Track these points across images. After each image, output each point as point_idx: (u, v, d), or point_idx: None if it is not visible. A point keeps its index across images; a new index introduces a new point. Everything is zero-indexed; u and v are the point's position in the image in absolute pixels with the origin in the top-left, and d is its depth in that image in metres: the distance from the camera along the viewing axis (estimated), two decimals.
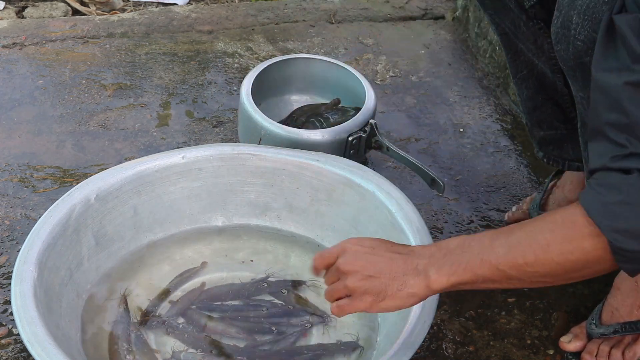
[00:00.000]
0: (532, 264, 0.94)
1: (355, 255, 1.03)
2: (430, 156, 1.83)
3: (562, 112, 1.39)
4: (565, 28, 1.00)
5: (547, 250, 0.93)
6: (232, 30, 2.28)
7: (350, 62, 2.14)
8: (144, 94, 1.98)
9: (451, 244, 1.00)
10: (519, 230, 0.96)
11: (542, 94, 1.39)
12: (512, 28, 1.29)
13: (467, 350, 1.38)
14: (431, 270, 0.99)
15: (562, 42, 1.01)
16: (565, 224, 0.92)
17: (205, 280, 1.42)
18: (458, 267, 0.97)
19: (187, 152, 1.48)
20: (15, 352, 1.33)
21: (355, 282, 1.01)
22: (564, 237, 0.92)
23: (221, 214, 1.52)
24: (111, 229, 1.41)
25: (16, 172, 1.70)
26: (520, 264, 0.94)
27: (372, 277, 1.00)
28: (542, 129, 1.45)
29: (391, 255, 1.02)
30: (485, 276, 0.97)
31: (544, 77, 1.35)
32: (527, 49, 1.32)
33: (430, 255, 1.00)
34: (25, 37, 2.17)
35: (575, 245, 0.91)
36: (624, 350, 1.30)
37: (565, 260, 0.92)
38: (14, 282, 1.18)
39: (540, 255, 0.93)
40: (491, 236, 0.98)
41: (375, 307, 1.01)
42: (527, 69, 1.37)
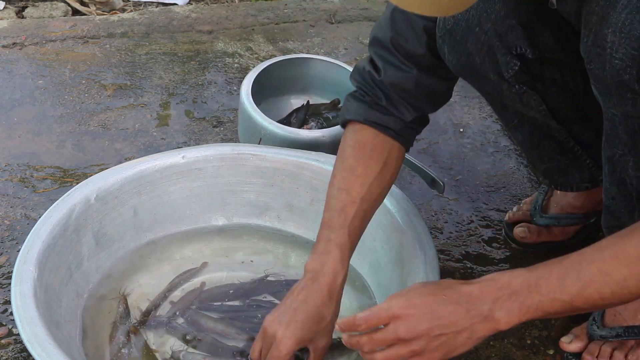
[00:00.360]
0: (608, 298, 0.95)
1: (416, 320, 0.99)
2: (430, 156, 1.83)
3: (560, 146, 1.39)
4: (599, 47, 0.99)
5: (625, 285, 0.93)
6: (232, 30, 2.28)
7: (350, 62, 2.14)
8: (144, 94, 1.98)
9: (514, 283, 0.98)
10: (589, 266, 0.95)
11: (537, 135, 1.39)
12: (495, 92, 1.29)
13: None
14: (499, 314, 0.97)
15: (596, 60, 1.00)
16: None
17: (205, 280, 1.42)
18: (529, 309, 0.96)
19: (187, 152, 1.48)
20: (15, 352, 1.32)
21: (423, 345, 0.99)
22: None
23: (221, 214, 1.52)
24: (111, 229, 1.41)
25: (16, 172, 1.70)
26: (595, 299, 0.95)
27: (439, 336, 0.98)
28: (544, 163, 1.46)
29: (452, 309, 0.98)
30: (557, 312, 0.97)
31: (535, 122, 1.35)
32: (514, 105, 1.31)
33: (494, 299, 0.97)
34: (25, 37, 2.17)
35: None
36: (627, 354, 1.29)
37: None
38: (14, 282, 1.18)
39: (617, 291, 0.94)
40: (559, 274, 0.96)
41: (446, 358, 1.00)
42: (518, 118, 1.37)
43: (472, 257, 1.55)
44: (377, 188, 1.23)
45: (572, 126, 1.35)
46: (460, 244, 1.59)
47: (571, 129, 1.35)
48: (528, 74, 1.22)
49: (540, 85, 1.25)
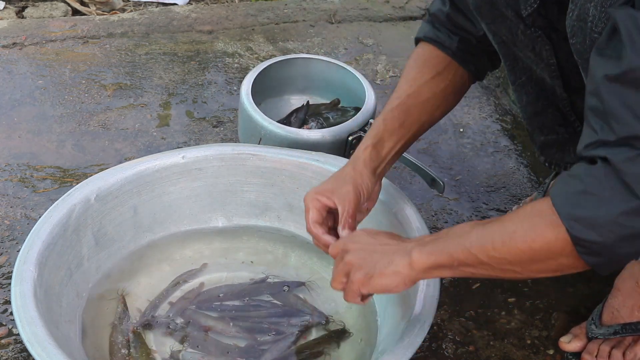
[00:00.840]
0: (499, 249, 0.97)
1: (359, 236, 1.12)
2: (430, 156, 1.83)
3: (563, 117, 1.39)
4: (581, 21, 1.00)
5: (513, 236, 0.96)
6: (232, 30, 2.28)
7: (350, 62, 2.14)
8: (144, 94, 1.98)
9: (441, 232, 1.07)
10: (496, 220, 1.01)
11: (542, 99, 1.39)
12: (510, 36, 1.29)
13: (467, 350, 1.38)
14: (415, 250, 1.04)
15: (579, 35, 1.02)
16: (533, 213, 0.96)
17: (205, 281, 1.42)
18: (436, 249, 1.03)
19: (187, 152, 1.48)
20: (15, 352, 1.33)
21: (352, 256, 1.08)
22: (529, 225, 0.95)
23: (221, 214, 1.52)
24: (111, 229, 1.41)
25: (16, 172, 1.70)
26: (488, 249, 0.98)
27: (366, 254, 1.07)
28: (543, 134, 1.45)
29: (389, 240, 1.10)
30: (460, 259, 1.01)
31: (543, 83, 1.35)
32: (525, 56, 1.31)
33: (419, 239, 1.08)
34: (25, 37, 2.17)
35: (538, 233, 0.94)
36: (624, 351, 1.30)
37: (528, 247, 0.95)
38: (14, 282, 1.18)
39: (506, 241, 0.96)
40: (473, 224, 1.03)
41: (367, 283, 1.06)
42: (526, 76, 1.37)
43: None
44: (427, 92, 1.32)
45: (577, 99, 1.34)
46: None
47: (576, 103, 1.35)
48: (545, 19, 1.22)
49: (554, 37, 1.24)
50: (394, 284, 1.05)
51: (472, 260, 1.00)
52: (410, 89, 1.32)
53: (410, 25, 2.35)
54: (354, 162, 1.27)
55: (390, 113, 1.30)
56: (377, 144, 1.28)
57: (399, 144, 1.30)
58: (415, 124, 1.32)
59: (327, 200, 1.22)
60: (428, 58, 1.35)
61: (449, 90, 1.35)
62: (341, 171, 1.27)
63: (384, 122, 1.29)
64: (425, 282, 1.22)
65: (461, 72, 1.37)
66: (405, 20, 2.38)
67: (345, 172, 1.26)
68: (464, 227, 1.04)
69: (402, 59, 2.18)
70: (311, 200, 1.23)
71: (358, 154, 1.27)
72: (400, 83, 1.34)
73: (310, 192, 1.24)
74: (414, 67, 1.35)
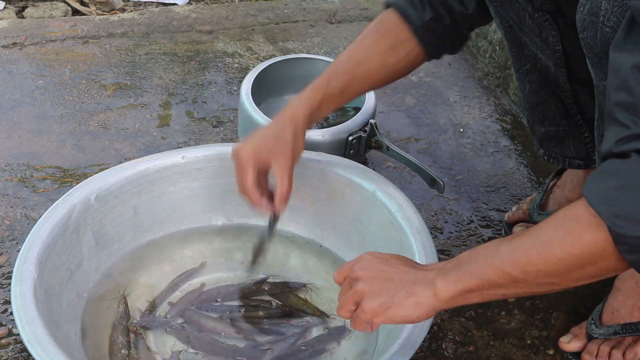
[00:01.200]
0: (535, 262, 0.91)
1: (370, 262, 1.04)
2: (430, 156, 1.83)
3: (564, 108, 1.39)
4: (593, 15, 0.99)
5: (549, 245, 0.90)
6: (232, 30, 2.28)
7: None
8: (144, 94, 1.98)
9: (462, 256, 0.99)
10: (524, 233, 0.95)
11: (545, 88, 1.38)
12: (517, 20, 1.29)
13: (467, 350, 1.38)
14: (438, 279, 0.97)
15: (590, 28, 1.01)
16: (567, 217, 0.90)
17: (205, 281, 1.42)
18: (464, 274, 0.96)
19: (187, 152, 1.48)
20: (15, 352, 1.33)
21: (365, 285, 1.01)
22: (565, 230, 0.89)
23: (221, 214, 1.52)
24: (111, 229, 1.41)
25: (16, 172, 1.70)
26: (523, 264, 0.92)
27: (381, 282, 1.00)
28: (543, 125, 1.45)
29: (404, 268, 1.02)
30: (490, 280, 0.94)
31: (547, 72, 1.35)
32: (532, 41, 1.31)
33: (440, 267, 1.00)
34: (25, 37, 2.17)
35: (576, 237, 0.88)
36: (624, 351, 1.30)
37: (567, 254, 0.89)
38: (14, 282, 1.18)
39: (542, 252, 0.90)
40: (498, 242, 0.96)
41: (383, 314, 0.99)
42: (531, 63, 1.37)
43: None
44: (377, 63, 1.32)
45: (580, 91, 1.34)
46: (460, 244, 1.59)
47: (578, 94, 1.35)
48: (554, 3, 1.22)
49: (562, 23, 1.24)
50: (416, 315, 0.99)
51: (504, 280, 0.93)
52: (361, 57, 1.32)
53: None
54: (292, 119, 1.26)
55: (335, 76, 1.31)
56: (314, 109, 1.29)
57: (330, 110, 1.33)
58: (354, 94, 1.34)
59: (266, 165, 1.22)
60: (388, 28, 1.34)
61: (399, 66, 1.35)
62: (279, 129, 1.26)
63: (326, 86, 1.30)
64: None
65: (417, 51, 1.35)
66: None
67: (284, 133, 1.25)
68: (489, 246, 0.97)
69: None
70: (249, 158, 1.22)
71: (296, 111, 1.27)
72: (354, 43, 1.34)
73: (245, 149, 1.24)
74: (373, 33, 1.34)
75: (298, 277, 1.44)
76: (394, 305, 0.98)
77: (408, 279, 1.00)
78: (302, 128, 1.28)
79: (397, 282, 1.00)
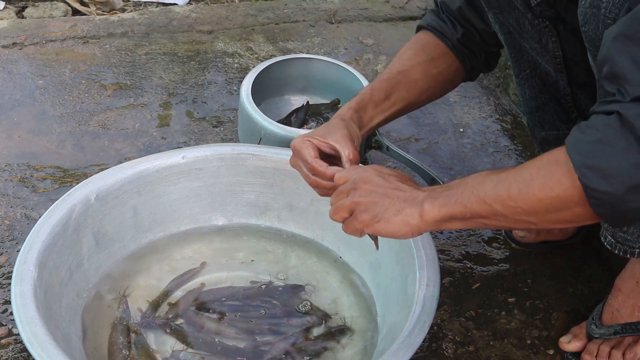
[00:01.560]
0: (515, 198, 0.95)
1: (371, 175, 1.09)
2: (430, 156, 1.83)
3: (564, 112, 1.39)
4: (594, 7, 1.00)
5: (530, 184, 0.94)
6: (232, 30, 2.28)
7: (350, 62, 2.14)
8: (144, 94, 1.98)
9: (454, 182, 1.04)
10: (511, 169, 0.99)
11: (544, 93, 1.39)
12: (517, 26, 1.29)
13: (467, 350, 1.38)
14: (426, 202, 1.03)
15: (591, 22, 1.02)
16: (550, 161, 0.94)
17: (205, 281, 1.42)
18: (450, 200, 1.01)
19: (187, 152, 1.48)
20: (15, 352, 1.33)
21: (361, 197, 1.07)
22: (546, 172, 0.93)
23: (221, 214, 1.52)
24: (111, 229, 1.41)
25: (16, 172, 1.70)
26: (504, 198, 0.96)
27: (376, 196, 1.06)
28: (544, 129, 1.45)
29: (400, 185, 1.07)
30: (474, 210, 0.99)
31: (546, 76, 1.35)
32: (531, 47, 1.32)
33: (431, 190, 1.05)
34: (25, 37, 2.17)
35: (555, 181, 0.92)
36: (624, 351, 1.30)
37: (545, 196, 0.93)
38: (14, 282, 1.18)
39: (523, 190, 0.95)
40: (486, 173, 1.02)
41: (371, 226, 1.06)
42: (530, 68, 1.37)
43: (472, 257, 1.55)
44: (418, 73, 1.34)
45: (580, 95, 1.34)
46: (460, 244, 1.59)
47: (578, 98, 1.35)
48: (553, 9, 1.22)
49: (562, 29, 1.24)
50: (402, 232, 1.05)
51: (486, 211, 0.98)
52: (402, 67, 1.34)
53: (410, 25, 2.35)
54: (340, 116, 1.27)
55: (378, 84, 1.32)
56: (360, 110, 1.29)
57: (381, 116, 1.32)
58: (400, 102, 1.33)
59: (321, 142, 1.21)
60: (426, 44, 1.37)
61: (440, 78, 1.37)
62: (327, 124, 1.26)
63: (370, 92, 1.31)
64: (425, 282, 1.22)
65: (456, 66, 1.38)
66: (405, 20, 2.38)
67: (333, 122, 1.25)
68: (477, 176, 1.02)
69: None
70: (302, 142, 1.22)
71: (342, 113, 1.28)
72: (393, 61, 1.36)
73: (297, 139, 1.23)
74: (410, 49, 1.37)
75: (298, 276, 1.44)
76: (383, 219, 1.05)
77: (400, 197, 1.05)
78: (350, 119, 1.27)
79: (391, 198, 1.05)
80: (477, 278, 1.51)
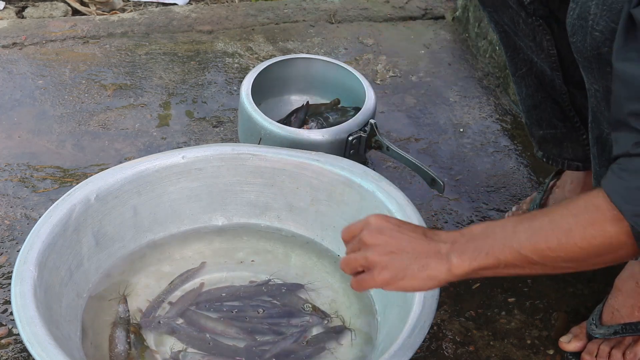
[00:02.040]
0: (555, 248, 0.93)
1: (380, 229, 1.02)
2: (430, 156, 1.83)
3: (561, 111, 1.39)
4: (582, 19, 1.00)
5: (570, 234, 0.92)
6: (232, 30, 2.28)
7: (350, 62, 2.14)
8: (144, 94, 1.98)
9: (475, 230, 1.00)
10: (542, 216, 0.96)
11: (541, 92, 1.39)
12: (511, 25, 1.29)
13: (467, 350, 1.38)
14: (453, 255, 0.98)
15: (579, 33, 1.01)
16: (589, 208, 0.92)
17: (205, 280, 1.42)
18: (480, 253, 0.97)
19: (187, 152, 1.48)
20: (15, 352, 1.33)
21: (376, 255, 1.00)
22: (587, 221, 0.91)
23: (221, 214, 1.52)
24: (111, 229, 1.41)
25: (16, 172, 1.70)
26: (542, 249, 0.94)
27: (394, 253, 0.99)
28: (541, 128, 1.45)
29: (416, 235, 1.01)
30: (507, 261, 0.96)
31: (542, 75, 1.35)
32: (526, 46, 1.32)
33: (453, 240, 1.00)
34: (25, 37, 2.17)
35: (598, 230, 0.90)
36: (624, 351, 1.30)
37: (588, 244, 0.91)
38: (14, 282, 1.18)
39: (563, 240, 0.92)
40: (514, 222, 0.97)
41: (394, 284, 1.00)
42: (526, 67, 1.37)
43: None
44: None
45: (577, 94, 1.34)
46: None
47: (575, 97, 1.35)
48: (547, 8, 1.22)
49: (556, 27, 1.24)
50: (427, 287, 1.01)
51: (521, 261, 0.95)
52: None
53: (410, 25, 2.35)
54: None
55: None
56: None
57: None
58: None
59: None
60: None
61: None
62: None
63: None
64: None
65: None
66: (405, 20, 2.38)
67: None
68: (505, 225, 0.98)
69: (402, 59, 2.18)
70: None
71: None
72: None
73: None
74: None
75: (298, 277, 1.44)
76: (407, 277, 0.99)
77: (422, 251, 0.99)
78: None
79: (410, 252, 0.99)
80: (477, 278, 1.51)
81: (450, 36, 2.29)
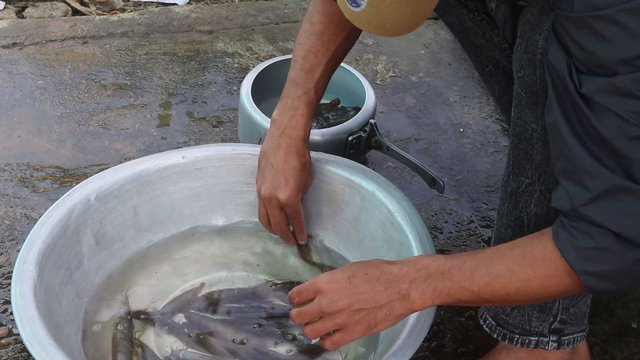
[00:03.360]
0: (513, 294, 0.99)
1: (337, 294, 1.05)
2: (430, 156, 1.83)
3: None
4: (530, 53, 1.00)
5: (528, 285, 0.98)
6: (232, 30, 2.28)
7: (350, 62, 2.14)
8: (144, 94, 1.98)
9: (430, 266, 1.03)
10: (498, 262, 1.00)
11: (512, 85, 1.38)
12: (459, 25, 1.29)
13: (467, 350, 1.38)
14: (414, 294, 1.03)
15: (527, 67, 1.01)
16: (545, 262, 0.96)
17: (205, 281, 1.42)
18: (441, 293, 1.02)
19: (187, 152, 1.48)
20: (15, 352, 1.33)
21: (345, 318, 1.04)
22: (544, 274, 0.97)
23: (221, 214, 1.52)
24: (111, 229, 1.41)
25: (16, 172, 1.70)
26: (501, 294, 1.00)
27: (360, 310, 1.04)
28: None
29: (371, 285, 1.04)
30: (467, 300, 1.02)
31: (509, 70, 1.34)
32: (480, 43, 1.31)
33: (411, 279, 1.03)
34: (25, 37, 2.17)
35: (555, 281, 0.97)
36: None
37: (545, 292, 0.98)
38: (14, 282, 1.18)
39: (521, 289, 0.98)
40: (471, 265, 1.01)
41: (369, 332, 1.06)
42: (492, 64, 1.37)
43: None
44: (341, 53, 1.38)
45: None
46: (460, 244, 1.59)
47: None
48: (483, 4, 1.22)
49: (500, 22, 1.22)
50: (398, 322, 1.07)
51: (479, 301, 1.02)
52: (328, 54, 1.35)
53: None
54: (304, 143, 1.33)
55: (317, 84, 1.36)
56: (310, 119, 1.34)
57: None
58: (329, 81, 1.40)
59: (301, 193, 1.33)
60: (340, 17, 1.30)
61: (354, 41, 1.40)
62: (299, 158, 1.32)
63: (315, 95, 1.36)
64: None
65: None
66: None
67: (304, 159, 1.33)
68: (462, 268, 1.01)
69: (402, 59, 2.18)
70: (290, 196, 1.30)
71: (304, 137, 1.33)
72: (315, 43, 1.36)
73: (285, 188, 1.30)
74: (328, 27, 1.35)
75: (298, 277, 1.44)
76: (379, 323, 1.04)
77: (382, 299, 1.03)
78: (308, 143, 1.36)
79: (373, 304, 1.03)
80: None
81: (450, 36, 2.29)
